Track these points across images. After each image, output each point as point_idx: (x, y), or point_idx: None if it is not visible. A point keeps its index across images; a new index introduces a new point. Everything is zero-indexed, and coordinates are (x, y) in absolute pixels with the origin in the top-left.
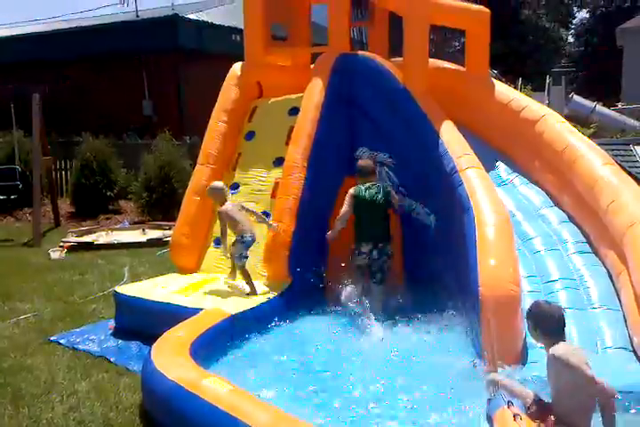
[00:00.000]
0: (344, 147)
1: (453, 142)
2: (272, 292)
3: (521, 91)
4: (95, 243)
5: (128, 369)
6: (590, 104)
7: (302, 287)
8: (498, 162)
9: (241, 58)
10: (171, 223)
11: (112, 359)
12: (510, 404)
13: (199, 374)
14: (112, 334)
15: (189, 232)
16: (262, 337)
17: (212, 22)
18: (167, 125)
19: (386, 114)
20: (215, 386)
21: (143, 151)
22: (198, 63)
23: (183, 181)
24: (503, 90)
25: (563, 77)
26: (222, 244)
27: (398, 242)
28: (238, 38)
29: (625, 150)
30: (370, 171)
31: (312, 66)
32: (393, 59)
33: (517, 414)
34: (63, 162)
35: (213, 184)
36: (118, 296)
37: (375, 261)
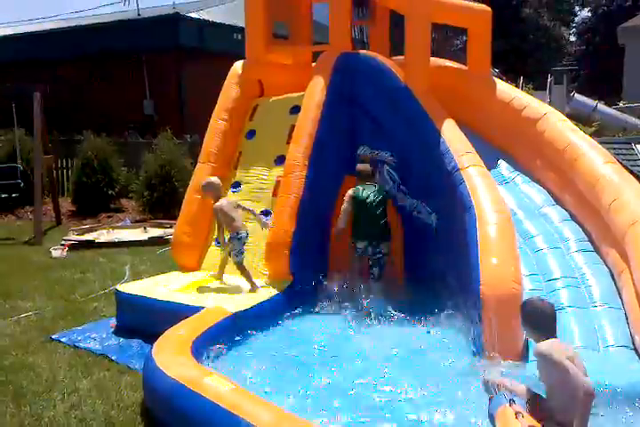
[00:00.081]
0: (345, 145)
1: (455, 141)
2: (273, 290)
3: (522, 89)
4: (96, 241)
5: (129, 367)
6: (592, 103)
7: (303, 286)
8: (499, 160)
9: (242, 56)
10: (172, 222)
11: (113, 358)
12: (512, 402)
13: (200, 372)
14: (113, 333)
15: (191, 231)
16: (263, 335)
17: (213, 21)
18: (168, 124)
19: (387, 112)
20: (216, 384)
21: (144, 150)
22: (199, 62)
23: (184, 180)
24: (505, 88)
25: (564, 76)
26: (219, 239)
27: (399, 241)
28: (239, 37)
29: (626, 149)
30: (368, 174)
31: (313, 64)
32: (394, 57)
33: (519, 412)
34: (64, 160)
35: (209, 179)
36: (120, 294)
37: (370, 256)
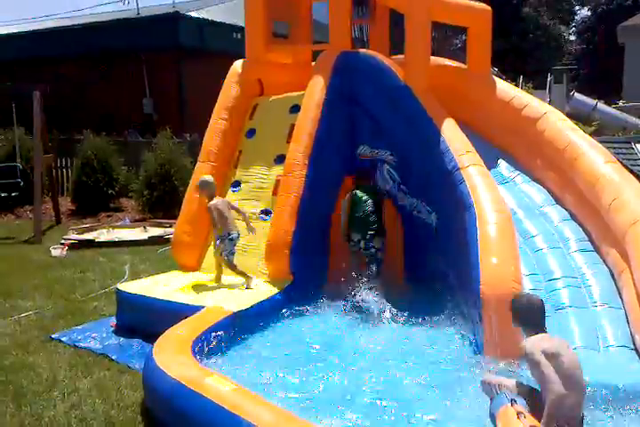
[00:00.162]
0: (345, 145)
1: (455, 140)
2: (273, 289)
3: (522, 89)
4: (96, 240)
5: (129, 367)
6: (591, 102)
7: (303, 285)
8: (499, 160)
9: (242, 55)
10: (171, 221)
11: (113, 357)
12: (514, 402)
13: (201, 372)
14: (113, 332)
15: (191, 230)
16: (264, 335)
17: (213, 20)
18: (168, 123)
19: (387, 112)
20: (217, 384)
21: (144, 149)
22: (199, 61)
23: (184, 179)
24: (504, 88)
25: (564, 75)
26: (215, 236)
27: (399, 241)
28: (239, 36)
29: (626, 148)
30: (363, 178)
31: (313, 63)
32: (394, 56)
33: (521, 412)
34: (64, 159)
35: (204, 178)
36: (120, 294)
37: (365, 250)
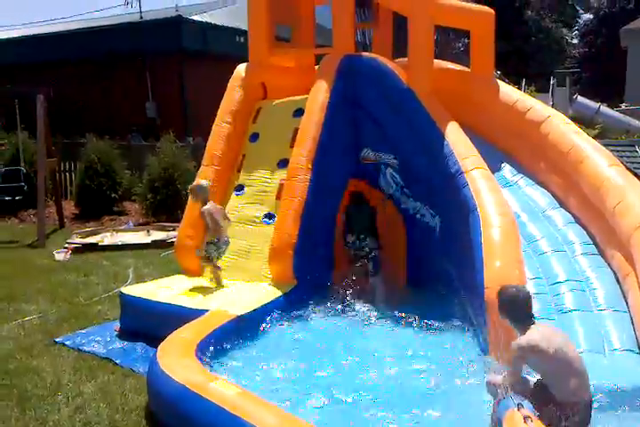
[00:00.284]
0: (349, 148)
1: (458, 143)
2: (277, 292)
3: (524, 92)
4: (100, 244)
5: (134, 371)
6: (594, 105)
7: (307, 288)
8: (503, 163)
9: (245, 59)
10: (175, 225)
11: (117, 361)
12: (520, 406)
13: (205, 375)
14: (117, 336)
15: (194, 233)
16: (268, 338)
17: (216, 23)
18: (171, 127)
19: (390, 115)
20: (221, 388)
21: (147, 153)
22: (202, 64)
23: (187, 183)
24: (508, 91)
25: (567, 78)
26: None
27: (402, 244)
28: (242, 39)
29: (630, 151)
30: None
31: (316, 67)
32: (397, 59)
33: (528, 416)
34: (68, 163)
35: (201, 182)
36: (124, 297)
37: (359, 250)
